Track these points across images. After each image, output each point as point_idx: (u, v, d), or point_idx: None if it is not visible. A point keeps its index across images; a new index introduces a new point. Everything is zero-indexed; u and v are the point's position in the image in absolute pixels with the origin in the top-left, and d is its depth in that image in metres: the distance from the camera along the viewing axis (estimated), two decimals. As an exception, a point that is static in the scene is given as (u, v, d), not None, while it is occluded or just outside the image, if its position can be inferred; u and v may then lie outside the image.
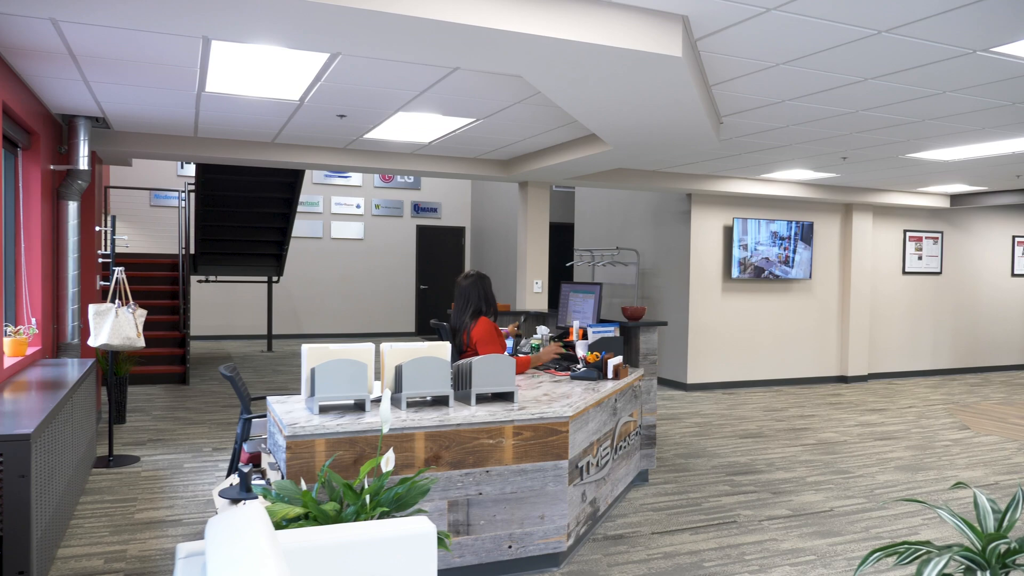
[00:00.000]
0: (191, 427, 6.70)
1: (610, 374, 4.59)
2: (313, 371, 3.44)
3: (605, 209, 11.10)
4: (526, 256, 8.39)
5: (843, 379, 10.23)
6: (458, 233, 16.23)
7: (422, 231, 16.00)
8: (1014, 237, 11.59)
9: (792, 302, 9.91)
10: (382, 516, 2.99)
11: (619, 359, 4.70)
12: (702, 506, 4.78)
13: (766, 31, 3.56)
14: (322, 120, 6.01)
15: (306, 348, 3.52)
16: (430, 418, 3.44)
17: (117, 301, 5.57)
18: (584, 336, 5.11)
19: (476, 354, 4.71)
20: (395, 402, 3.62)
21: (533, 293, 8.35)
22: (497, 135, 6.40)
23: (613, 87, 3.99)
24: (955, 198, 10.38)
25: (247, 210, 10.83)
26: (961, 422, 7.64)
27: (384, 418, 2.99)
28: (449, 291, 15.73)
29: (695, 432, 6.96)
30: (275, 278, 12.41)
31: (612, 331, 5.09)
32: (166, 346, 9.25)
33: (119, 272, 5.74)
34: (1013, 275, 11.62)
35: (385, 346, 3.72)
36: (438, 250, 16.09)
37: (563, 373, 4.78)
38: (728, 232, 9.44)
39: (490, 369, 3.74)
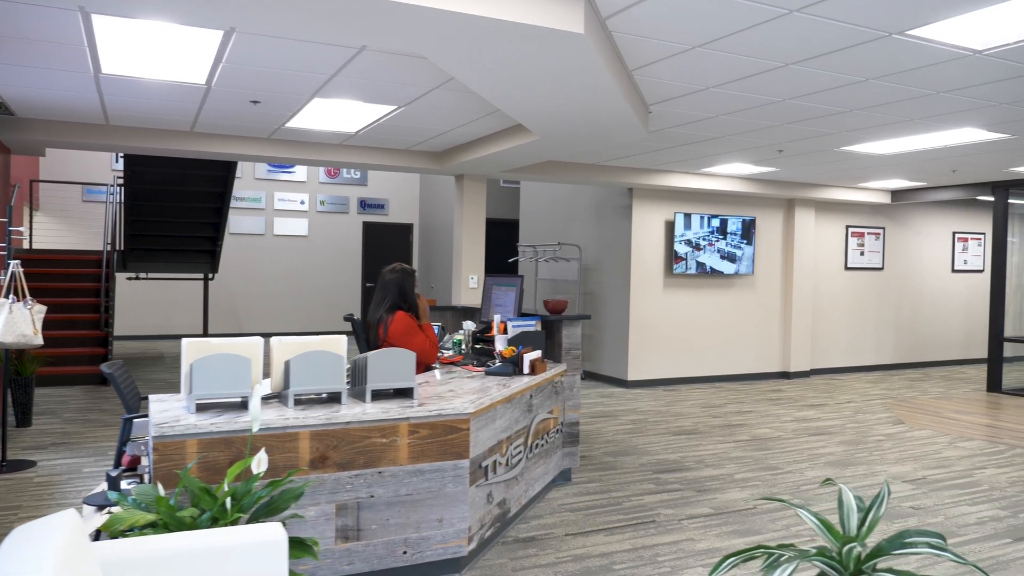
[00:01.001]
0: (101, 429, 6.37)
1: (526, 369, 4.41)
2: (191, 367, 3.19)
3: (549, 204, 10.94)
4: (462, 250, 8.19)
5: (785, 375, 10.21)
6: (405, 230, 15.96)
7: (369, 228, 15.70)
8: (954, 233, 11.70)
9: (734, 298, 9.85)
10: (250, 522, 2.76)
11: (537, 354, 4.52)
12: (622, 505, 4.62)
13: (674, 10, 3.41)
14: (237, 107, 5.73)
15: (185, 343, 3.27)
16: (316, 416, 3.21)
17: (12, 296, 5.23)
18: (505, 331, 4.92)
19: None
20: (283, 399, 3.39)
21: (469, 288, 8.15)
22: (423, 124, 6.18)
23: (519, 66, 3.81)
24: (896, 194, 10.42)
25: (178, 204, 10.45)
26: (897, 417, 7.62)
27: (253, 416, 2.76)
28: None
29: (629, 429, 6.82)
30: (210, 275, 12.02)
31: (533, 325, 4.91)
32: (87, 346, 8.84)
33: (14, 266, 5.40)
34: (953, 271, 11.74)
35: (275, 340, 3.49)
36: (385, 247, 15.80)
37: (480, 369, 4.59)
38: (670, 227, 9.34)
39: (387, 364, 3.53)
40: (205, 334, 12.35)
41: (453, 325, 6.33)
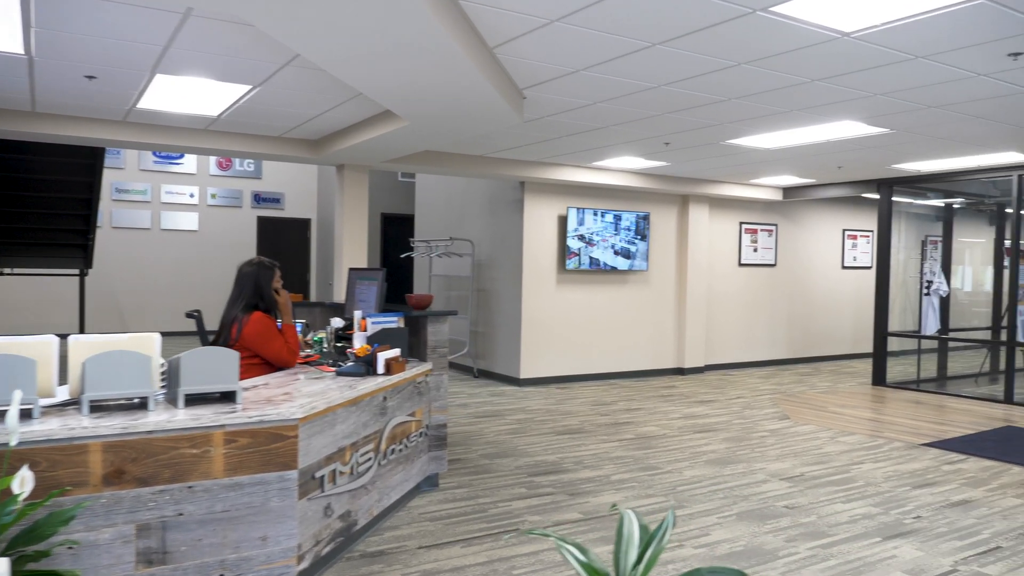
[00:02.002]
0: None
1: (381, 369, 4.06)
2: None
3: (444, 199, 10.61)
4: (343, 244, 7.77)
5: (680, 371, 10.18)
6: (303, 225, 15.34)
7: (264, 223, 15.02)
8: (844, 230, 11.96)
9: (629, 294, 9.75)
10: (8, 552, 2.33)
11: (394, 352, 4.18)
12: (487, 513, 4.34)
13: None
14: (74, 84, 5.18)
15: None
16: (111, 425, 2.79)
17: None
18: (367, 328, 4.56)
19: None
20: (80, 406, 2.95)
21: (352, 285, 7.72)
22: (285, 107, 5.75)
23: (360, 38, 3.46)
24: (787, 191, 10.54)
25: (40, 194, 9.63)
26: (783, 412, 7.62)
27: (10, 428, 2.34)
28: (293, 287, 14.81)
29: (513, 429, 6.56)
30: (84, 271, 11.17)
31: (395, 322, 4.57)
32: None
33: None
34: (843, 267, 12.00)
35: (72, 339, 3.04)
36: (281, 243, 15.13)
37: (333, 369, 4.22)
38: (563, 222, 9.15)
39: (204, 364, 3.12)
40: (82, 333, 11.47)
41: (322, 322, 5.93)
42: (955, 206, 10.70)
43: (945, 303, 9.83)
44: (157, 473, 2.88)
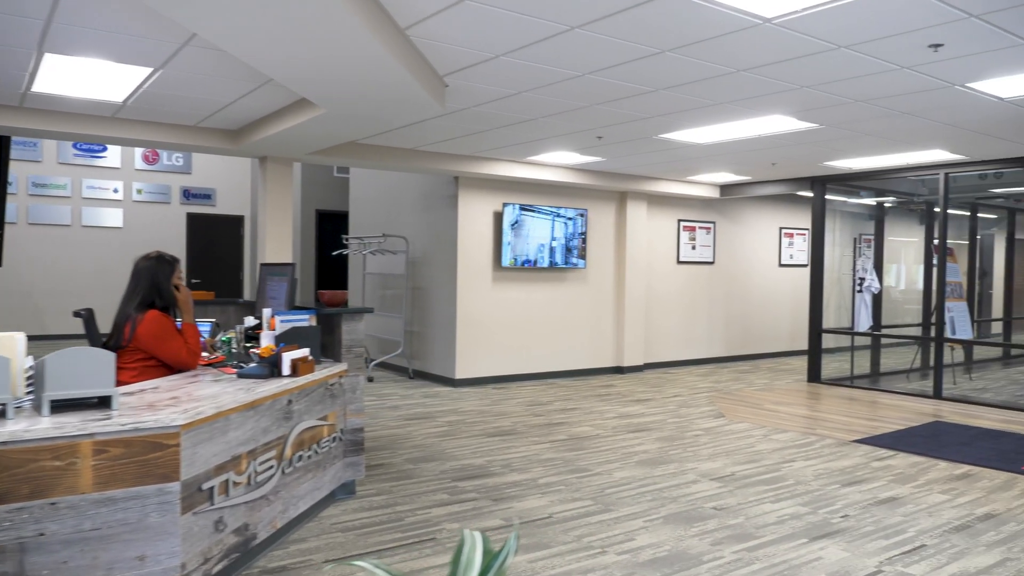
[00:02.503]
0: None
1: (286, 370, 3.80)
2: None
3: (378, 194, 10.32)
4: (266, 241, 7.43)
5: (619, 370, 10.08)
6: (235, 222, 14.83)
7: (194, 220, 14.46)
8: (781, 228, 12.04)
9: (567, 292, 9.60)
10: None
11: (302, 352, 3.92)
12: (404, 521, 4.10)
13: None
14: (-43, 62, 4.77)
15: None
16: (-44, 437, 2.48)
17: None
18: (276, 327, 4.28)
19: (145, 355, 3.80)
20: (-76, 416, 2.62)
21: (276, 282, 7.39)
22: (194, 92, 5.41)
23: (253, 13, 3.19)
24: (724, 188, 10.53)
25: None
26: (719, 410, 7.55)
27: None
28: (227, 286, 14.30)
29: (442, 432, 6.33)
30: (-6, 270, 10.53)
31: (306, 320, 4.30)
32: None
33: None
34: (780, 265, 12.07)
35: (-81, 340, 2.71)
36: (213, 241, 14.60)
37: (235, 371, 3.93)
38: (498, 218, 8.95)
39: (73, 367, 2.83)
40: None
41: (237, 321, 5.60)
42: (886, 205, 10.85)
43: (878, 300, 9.93)
44: (13, 489, 2.58)
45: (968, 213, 11.69)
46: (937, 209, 8.53)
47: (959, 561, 3.64)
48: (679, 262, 10.80)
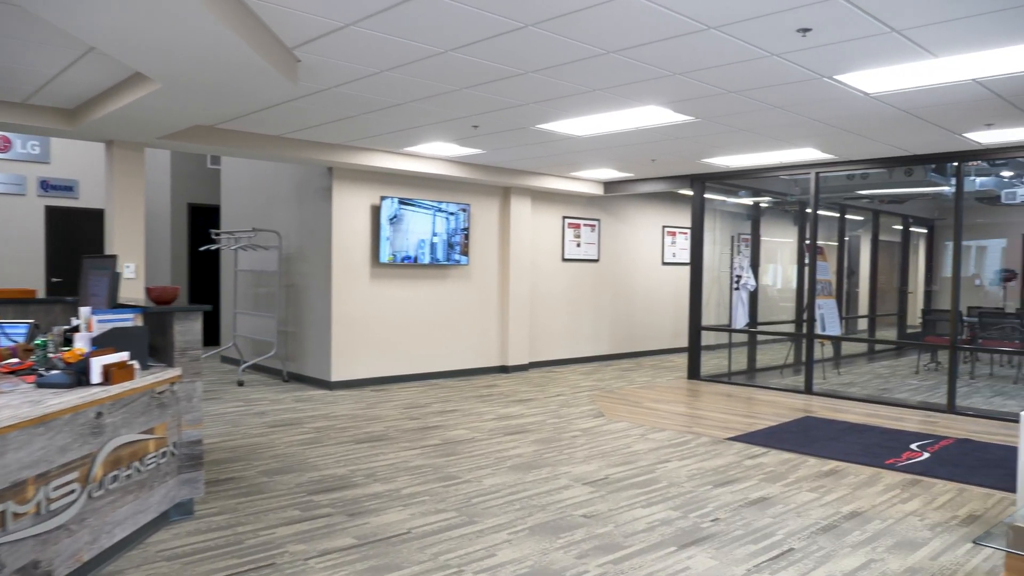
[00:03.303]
0: None
1: (96, 378, 3.31)
2: None
3: (250, 186, 9.70)
4: (114, 234, 6.76)
5: (504, 369, 9.85)
6: (100, 216, 13.70)
7: (53, 213, 13.23)
8: (664, 227, 12.14)
9: (449, 289, 9.29)
10: None
11: (118, 357, 3.43)
12: (244, 544, 3.68)
13: None
14: None
15: None
16: None
17: None
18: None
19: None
20: None
21: (125, 279, 6.74)
22: (7, 62, 4.77)
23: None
24: (608, 185, 10.48)
25: None
26: (599, 409, 7.43)
27: None
28: (84, 283, 13.16)
29: (308, 439, 5.90)
30: None
31: (129, 319, 3.81)
32: None
33: None
34: (664, 263, 12.17)
35: None
36: (75, 237, 13.41)
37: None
38: (376, 212, 8.53)
39: None
40: None
41: (64, 321, 5.00)
42: (763, 205, 11.09)
43: (754, 297, 10.11)
44: None
45: (838, 214, 12.14)
46: (809, 209, 8.72)
47: (825, 565, 3.56)
48: (564, 260, 10.68)
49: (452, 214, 9.08)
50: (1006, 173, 10.17)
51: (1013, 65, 4.49)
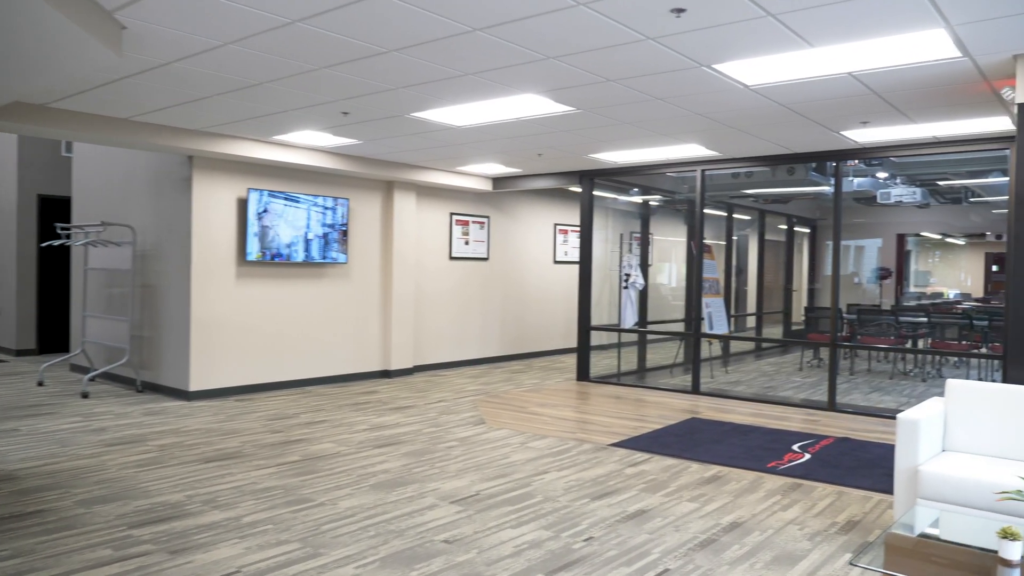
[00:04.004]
0: None
1: None
2: None
3: (104, 177, 8.81)
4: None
5: (386, 373, 9.35)
6: (-66, 208, 12.32)
7: None
8: (555, 224, 11.90)
9: (326, 289, 8.71)
10: None
11: None
12: (29, 597, 3.08)
13: None
14: None
15: None
16: None
17: None
18: None
19: None
20: None
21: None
22: None
23: None
24: (497, 181, 10.13)
25: None
26: (480, 416, 7.05)
27: None
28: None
29: (146, 460, 5.25)
30: None
31: None
32: None
33: None
34: (556, 262, 11.94)
35: None
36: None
37: None
38: (243, 206, 7.87)
39: None
40: None
41: None
42: (653, 203, 11.01)
43: (644, 296, 9.99)
44: None
45: (725, 213, 12.23)
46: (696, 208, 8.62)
47: (699, 588, 3.28)
48: (452, 258, 10.26)
49: (329, 209, 8.50)
50: (881, 174, 10.44)
51: (885, 59, 4.38)
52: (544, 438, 6.16)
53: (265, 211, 7.91)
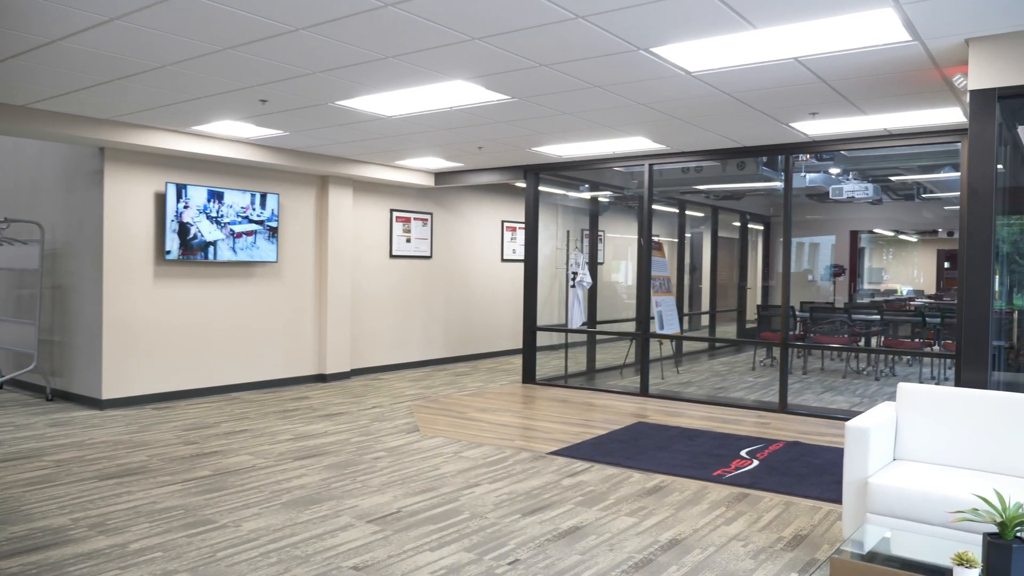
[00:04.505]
0: None
1: None
2: None
3: (10, 171, 8.21)
4: None
5: (322, 378, 8.89)
6: None
7: None
8: (503, 222, 11.55)
9: (255, 289, 8.23)
10: None
11: None
12: None
13: None
14: None
15: None
16: None
17: None
18: None
19: None
20: None
21: None
22: None
23: None
24: (439, 176, 9.74)
25: None
26: (416, 422, 6.66)
27: None
28: None
29: (39, 477, 4.75)
30: None
31: None
32: None
33: None
34: (503, 260, 11.58)
35: None
36: None
37: None
38: (161, 201, 7.36)
39: None
40: None
41: None
42: (604, 200, 10.73)
43: (593, 295, 9.69)
44: None
45: (677, 210, 12.01)
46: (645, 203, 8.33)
47: (628, 621, 2.94)
48: (393, 256, 9.84)
49: (258, 205, 8.02)
50: (834, 170, 10.29)
51: (832, 42, 4.11)
52: (480, 446, 5.80)
53: (186, 207, 7.41)
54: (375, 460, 5.34)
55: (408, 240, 9.95)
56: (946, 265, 18.49)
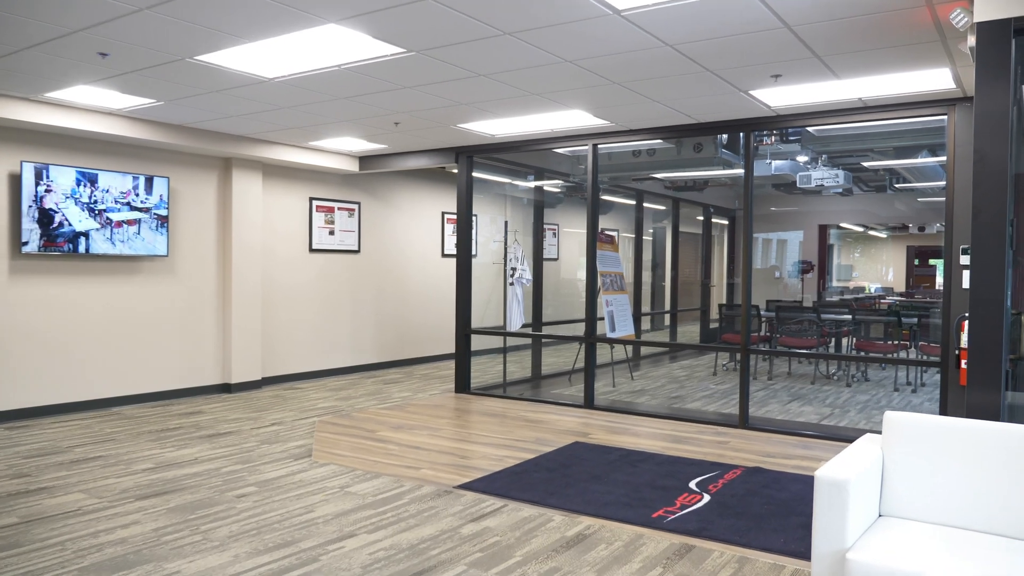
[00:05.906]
0: None
1: None
2: None
3: None
4: None
5: (227, 388, 7.80)
6: None
7: None
8: (444, 213, 10.52)
9: (142, 286, 7.12)
10: None
11: None
12: None
13: None
14: None
15: None
16: None
17: None
18: None
19: None
20: None
21: None
22: None
23: None
24: (364, 160, 8.68)
25: None
26: (311, 445, 5.62)
27: None
28: None
29: None
30: None
31: None
32: None
33: None
34: (444, 255, 10.56)
35: None
36: None
37: None
38: (16, 183, 6.24)
39: None
40: None
41: None
42: (550, 189, 9.76)
43: (538, 293, 8.70)
44: None
45: (634, 201, 11.07)
46: (592, 189, 7.36)
47: None
48: (313, 250, 8.76)
49: (141, 189, 6.92)
50: (802, 158, 9.40)
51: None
52: (377, 477, 4.78)
53: (48, 190, 6.29)
54: (237, 499, 4.30)
55: (331, 232, 8.88)
56: (915, 262, 17.82)
